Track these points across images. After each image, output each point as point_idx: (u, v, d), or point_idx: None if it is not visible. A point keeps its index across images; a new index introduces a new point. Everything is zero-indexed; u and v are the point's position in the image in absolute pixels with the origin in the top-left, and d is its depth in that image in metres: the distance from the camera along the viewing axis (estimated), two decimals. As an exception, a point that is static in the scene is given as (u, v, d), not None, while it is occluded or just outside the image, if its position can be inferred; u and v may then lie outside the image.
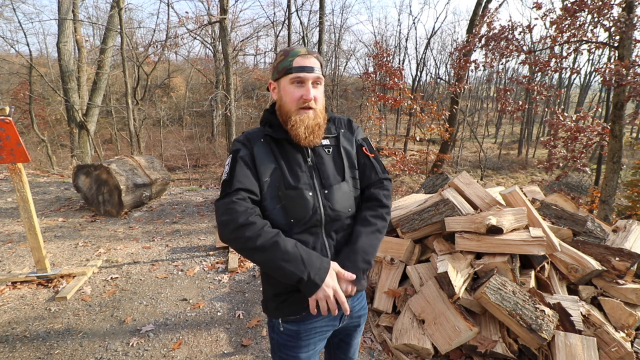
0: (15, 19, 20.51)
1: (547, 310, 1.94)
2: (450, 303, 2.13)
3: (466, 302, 2.13)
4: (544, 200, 3.25)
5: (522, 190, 2.79)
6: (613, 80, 4.73)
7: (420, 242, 2.76)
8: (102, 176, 4.66)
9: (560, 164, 6.26)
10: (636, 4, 4.87)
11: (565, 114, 6.02)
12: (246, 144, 1.11)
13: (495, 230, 2.23)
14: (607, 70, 4.87)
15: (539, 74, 8.51)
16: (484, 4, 11.76)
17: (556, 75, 21.03)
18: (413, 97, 8.32)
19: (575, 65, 20.84)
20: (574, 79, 26.24)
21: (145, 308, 2.72)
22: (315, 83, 1.09)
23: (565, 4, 5.27)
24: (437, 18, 62.04)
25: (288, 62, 1.07)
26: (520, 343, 1.99)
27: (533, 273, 2.30)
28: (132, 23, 17.37)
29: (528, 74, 8.64)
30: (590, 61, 22.52)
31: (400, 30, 67.02)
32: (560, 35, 5.47)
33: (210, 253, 3.74)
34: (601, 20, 5.07)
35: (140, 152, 11.48)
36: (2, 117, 2.58)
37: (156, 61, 13.01)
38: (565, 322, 2.01)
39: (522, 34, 6.06)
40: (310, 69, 1.06)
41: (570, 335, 1.91)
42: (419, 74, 26.75)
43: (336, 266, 1.03)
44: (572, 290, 2.34)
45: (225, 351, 2.27)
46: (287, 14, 13.72)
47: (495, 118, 30.48)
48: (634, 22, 4.84)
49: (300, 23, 16.97)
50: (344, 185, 1.13)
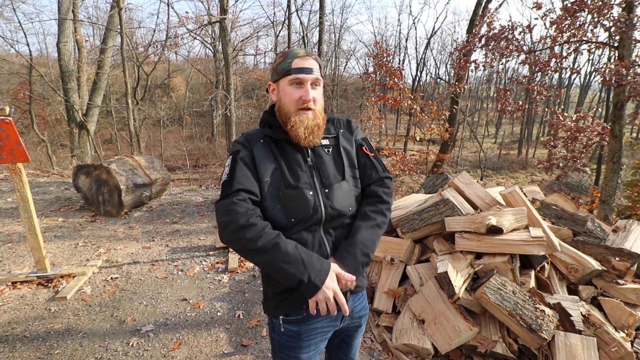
0: (15, 19, 20.56)
1: (547, 310, 1.94)
2: (450, 303, 2.13)
3: (466, 302, 2.13)
4: (544, 200, 3.25)
5: (522, 190, 2.79)
6: (613, 80, 4.73)
7: (420, 242, 2.76)
8: (102, 176, 4.66)
9: (560, 164, 6.26)
10: (636, 4, 4.88)
11: (565, 114, 6.02)
12: (246, 145, 1.11)
13: (495, 230, 2.23)
14: (607, 70, 4.87)
15: (539, 74, 8.51)
16: (484, 4, 11.76)
17: (556, 75, 21.05)
18: (413, 97, 8.32)
19: (575, 65, 20.85)
20: (574, 79, 26.29)
21: (145, 308, 2.72)
22: (314, 84, 1.09)
23: (565, 4, 5.27)
24: (437, 18, 62.15)
25: (287, 64, 1.08)
26: (520, 343, 1.99)
27: (533, 273, 2.30)
28: (132, 23, 17.39)
29: (528, 74, 8.64)
30: (590, 61, 22.57)
31: (400, 30, 67.12)
32: (560, 35, 5.47)
33: (210, 253, 3.74)
34: (601, 20, 5.07)
35: (140, 152, 11.48)
36: (2, 117, 2.58)
37: (156, 61, 13.02)
38: (565, 322, 2.01)
39: (522, 34, 6.07)
40: (309, 70, 1.07)
41: (570, 335, 1.91)
42: (419, 74, 26.81)
43: (336, 267, 1.03)
44: (572, 290, 2.34)
45: (225, 351, 2.27)
46: (287, 14, 13.73)
47: (495, 118, 30.49)
48: (634, 22, 4.84)
49: (300, 23, 16.98)
50: (344, 185, 1.13)
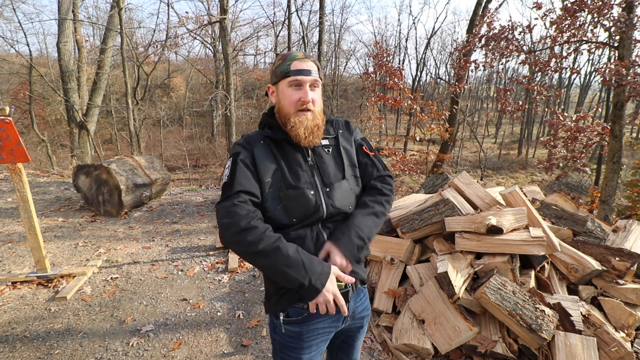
0: (15, 19, 20.54)
1: (547, 310, 1.94)
2: (450, 303, 2.13)
3: (466, 302, 2.13)
4: (544, 200, 3.25)
5: (522, 190, 2.79)
6: (613, 80, 4.73)
7: (420, 242, 2.76)
8: (102, 176, 4.66)
9: (560, 164, 6.26)
10: (636, 4, 4.88)
11: (565, 114, 6.02)
12: (246, 147, 1.12)
13: (495, 230, 2.23)
14: (607, 70, 4.87)
15: (539, 74, 8.51)
16: (484, 4, 11.76)
17: (556, 75, 21.05)
18: (413, 97, 8.31)
19: (575, 65, 20.85)
20: (574, 79, 26.29)
21: (145, 308, 2.72)
22: (312, 86, 1.10)
23: (565, 4, 5.27)
24: (437, 18, 62.13)
25: (286, 66, 1.09)
26: (520, 343, 1.99)
27: (533, 273, 2.30)
28: (132, 23, 17.39)
29: (528, 74, 8.64)
30: (590, 61, 22.57)
31: (400, 30, 67.11)
32: (560, 35, 5.47)
33: (210, 253, 3.74)
34: (601, 20, 5.08)
35: (140, 152, 11.48)
36: (2, 117, 2.58)
37: (156, 61, 13.02)
38: (565, 322, 2.01)
39: (522, 34, 6.07)
40: (308, 72, 1.08)
41: (570, 335, 1.91)
42: (419, 74, 26.80)
43: (336, 270, 1.04)
44: (572, 290, 2.34)
45: (225, 351, 2.27)
46: (287, 14, 13.70)
47: (495, 118, 30.49)
48: (634, 22, 4.84)
49: (300, 23, 16.95)
50: (344, 184, 1.14)
